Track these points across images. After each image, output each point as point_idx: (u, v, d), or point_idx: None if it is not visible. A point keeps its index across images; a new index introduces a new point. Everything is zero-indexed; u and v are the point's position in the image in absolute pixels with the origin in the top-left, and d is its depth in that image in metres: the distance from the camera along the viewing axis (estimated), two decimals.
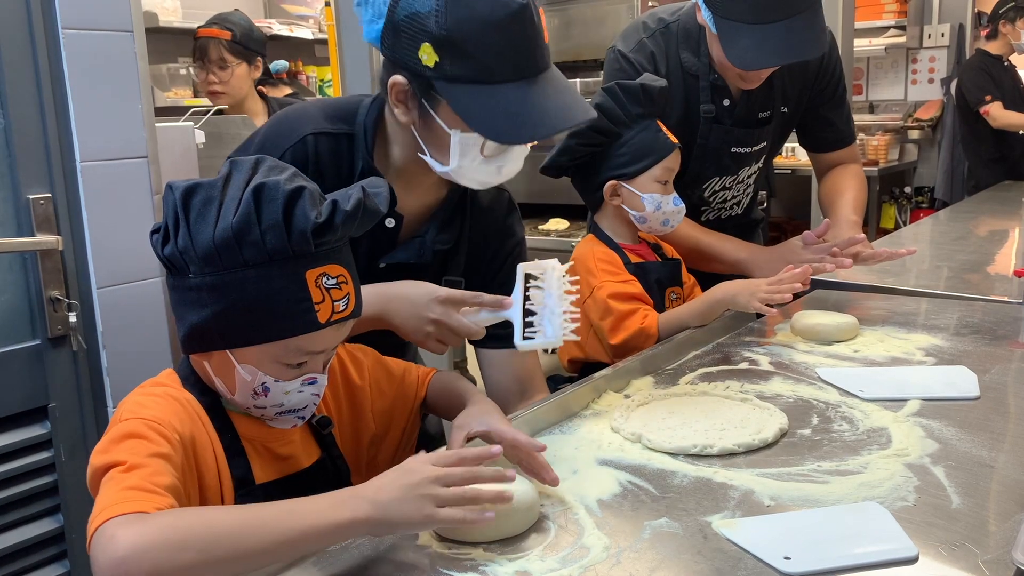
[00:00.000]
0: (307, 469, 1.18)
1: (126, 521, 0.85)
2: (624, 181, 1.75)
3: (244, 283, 1.00)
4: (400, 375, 1.32)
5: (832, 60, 2.05)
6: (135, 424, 0.99)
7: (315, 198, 1.02)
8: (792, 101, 2.05)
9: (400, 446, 1.32)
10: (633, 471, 1.16)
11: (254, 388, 1.06)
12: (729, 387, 1.45)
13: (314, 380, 1.09)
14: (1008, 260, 2.45)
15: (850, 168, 2.18)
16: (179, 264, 1.03)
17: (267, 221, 0.99)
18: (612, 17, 3.82)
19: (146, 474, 0.92)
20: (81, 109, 1.72)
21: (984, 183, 4.38)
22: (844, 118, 2.16)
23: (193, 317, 1.04)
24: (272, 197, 0.99)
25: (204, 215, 1.01)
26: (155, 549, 0.82)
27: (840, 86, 2.10)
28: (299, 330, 1.03)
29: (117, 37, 1.77)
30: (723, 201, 2.11)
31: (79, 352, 1.78)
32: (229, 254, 1.00)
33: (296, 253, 1.01)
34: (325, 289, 1.04)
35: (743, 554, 0.94)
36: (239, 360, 1.05)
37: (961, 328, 1.73)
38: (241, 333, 1.03)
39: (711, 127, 1.97)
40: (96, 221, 1.76)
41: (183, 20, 4.93)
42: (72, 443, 1.81)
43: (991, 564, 0.89)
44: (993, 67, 4.72)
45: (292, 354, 1.05)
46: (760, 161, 2.10)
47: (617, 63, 1.95)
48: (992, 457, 1.15)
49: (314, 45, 5.74)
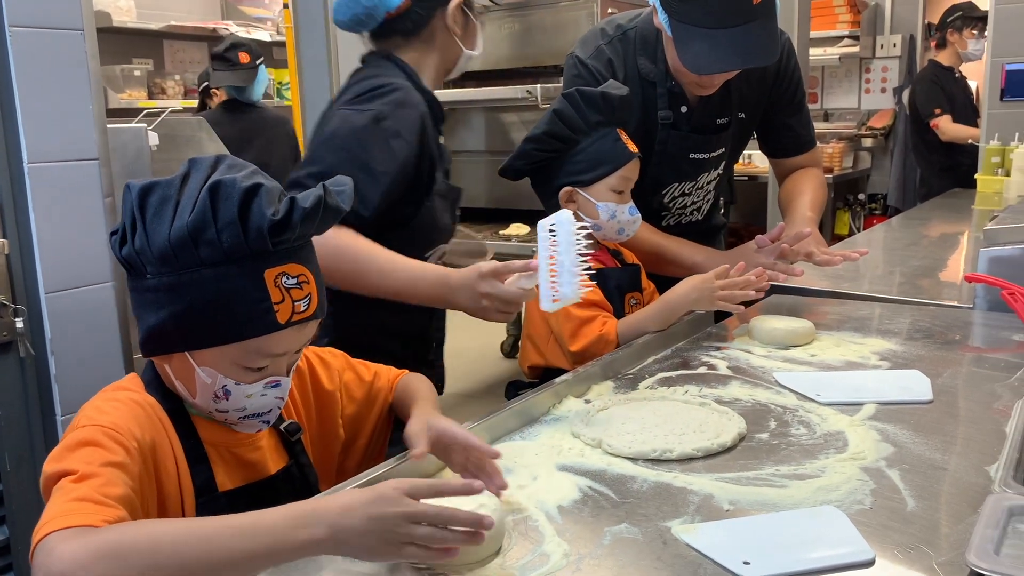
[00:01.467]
0: (272, 476, 1.15)
1: (69, 535, 0.81)
2: (580, 188, 1.75)
3: (201, 283, 0.99)
4: (370, 379, 1.30)
5: (790, 67, 2.06)
6: (91, 431, 0.96)
7: (272, 195, 1.00)
8: (750, 107, 2.06)
9: (368, 452, 1.30)
10: (593, 477, 1.16)
11: (215, 391, 1.04)
12: (688, 391, 1.45)
13: (277, 383, 1.07)
14: (958, 265, 2.50)
15: (810, 171, 2.20)
16: (136, 265, 1.01)
17: (223, 219, 0.97)
18: (572, 24, 3.84)
19: (97, 484, 0.89)
20: (29, 109, 1.67)
21: (936, 191, 4.48)
22: (803, 123, 2.17)
23: (151, 319, 1.02)
24: (228, 195, 0.97)
25: (160, 214, 0.99)
26: (96, 566, 0.79)
27: (799, 92, 2.12)
28: (258, 331, 1.01)
29: (67, 36, 1.73)
30: (683, 207, 2.12)
31: (26, 359, 1.74)
32: (185, 253, 0.98)
33: (254, 251, 0.99)
34: (285, 289, 1.02)
35: (703, 559, 0.94)
36: (199, 363, 1.03)
37: (914, 332, 1.76)
38: (199, 334, 1.01)
39: (669, 133, 1.97)
40: (44, 224, 1.71)
41: (137, 21, 4.85)
42: (19, 453, 1.76)
43: (945, 566, 0.90)
44: (945, 79, 4.82)
45: (252, 356, 1.03)
46: (719, 167, 2.11)
47: (575, 69, 1.95)
48: (945, 460, 1.16)
49: (272, 47, 5.68)
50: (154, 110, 2.60)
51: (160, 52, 5.30)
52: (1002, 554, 0.84)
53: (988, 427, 1.26)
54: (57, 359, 1.75)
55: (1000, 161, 3.75)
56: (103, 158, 1.80)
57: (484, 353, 5.04)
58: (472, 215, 4.19)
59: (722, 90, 1.95)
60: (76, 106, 1.75)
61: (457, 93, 4.00)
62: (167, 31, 5.05)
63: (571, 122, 1.72)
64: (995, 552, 0.83)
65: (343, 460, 1.28)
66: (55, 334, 1.74)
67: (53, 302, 1.73)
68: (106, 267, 1.82)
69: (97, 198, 1.80)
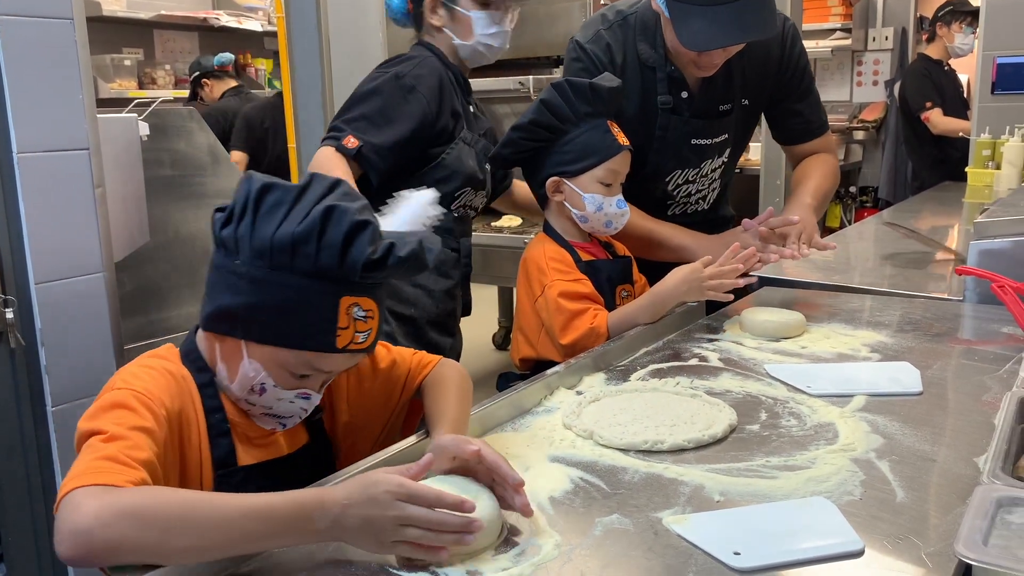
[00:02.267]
0: (292, 454, 1.20)
1: (94, 492, 0.86)
2: (566, 178, 1.75)
3: (284, 286, 1.05)
4: (386, 369, 1.30)
5: (795, 52, 2.05)
6: (125, 394, 1.01)
7: (376, 235, 1.06)
8: (753, 94, 2.05)
9: (378, 439, 1.31)
10: (585, 468, 1.16)
11: (252, 385, 1.10)
12: (679, 383, 1.46)
13: (308, 396, 1.13)
14: (948, 258, 2.51)
15: (819, 157, 2.17)
16: (231, 247, 1.07)
17: (327, 241, 1.03)
18: (564, 15, 3.83)
19: (124, 446, 0.94)
20: (18, 99, 1.66)
21: (927, 184, 4.50)
22: (812, 108, 2.15)
23: (226, 299, 1.07)
24: (339, 220, 1.03)
25: (272, 214, 1.05)
26: (117, 524, 0.83)
27: (806, 77, 2.10)
28: (317, 347, 1.07)
29: (56, 24, 1.71)
30: (687, 195, 2.11)
31: (16, 350, 1.73)
32: (281, 256, 1.04)
33: (339, 277, 1.04)
34: (353, 319, 1.07)
35: (693, 550, 0.94)
36: (249, 354, 1.09)
37: (904, 325, 1.76)
38: (263, 330, 1.07)
39: (669, 118, 1.96)
40: (34, 214, 1.70)
41: (127, 10, 4.82)
42: (9, 444, 1.75)
43: (934, 556, 0.91)
44: (935, 73, 4.84)
45: (301, 366, 1.09)
46: (724, 155, 2.10)
47: (575, 52, 1.97)
48: (934, 451, 1.17)
49: (263, 37, 5.65)
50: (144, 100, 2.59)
51: (150, 41, 5.27)
52: (990, 544, 0.84)
53: (977, 419, 1.27)
54: (47, 350, 1.74)
55: (991, 154, 3.76)
56: (93, 148, 1.79)
57: (476, 345, 5.04)
58: None
59: (724, 76, 1.95)
60: (66, 96, 1.74)
61: None
62: (157, 20, 5.03)
63: (559, 112, 1.71)
64: (983, 543, 0.84)
65: (352, 442, 1.30)
66: (45, 325, 1.74)
67: (43, 292, 1.73)
68: (96, 257, 1.81)
69: (87, 188, 1.79)
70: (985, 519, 0.88)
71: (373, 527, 0.91)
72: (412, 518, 0.91)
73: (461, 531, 0.92)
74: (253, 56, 5.71)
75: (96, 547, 0.83)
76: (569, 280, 1.73)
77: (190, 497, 0.90)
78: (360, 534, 0.91)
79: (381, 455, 1.17)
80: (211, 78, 4.84)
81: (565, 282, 1.72)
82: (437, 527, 0.91)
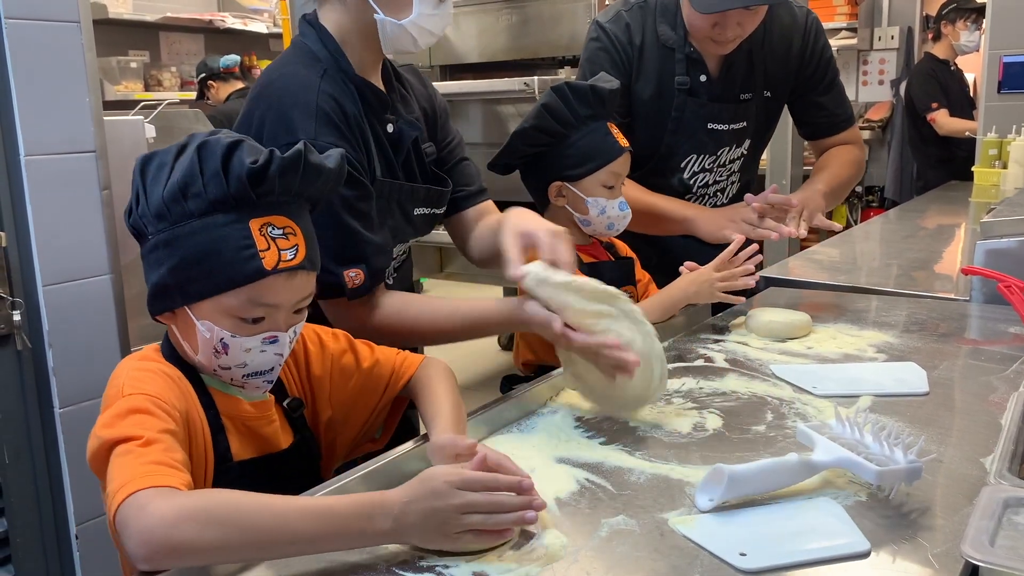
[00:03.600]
0: (284, 451, 1.20)
1: (156, 494, 0.87)
2: (569, 183, 1.74)
3: (192, 234, 1.05)
4: (369, 368, 1.30)
5: (818, 45, 2.05)
6: (140, 399, 1.01)
7: (255, 150, 1.07)
8: (776, 86, 2.05)
9: (357, 437, 1.32)
10: (590, 469, 1.16)
11: (214, 345, 1.09)
12: (685, 384, 1.46)
13: (275, 339, 1.11)
14: (955, 258, 2.51)
15: (843, 148, 2.15)
16: (140, 229, 1.09)
17: (208, 171, 1.04)
18: (569, 16, 3.83)
19: (162, 449, 0.95)
20: (25, 102, 1.67)
21: (932, 183, 4.48)
22: (836, 101, 2.14)
23: (154, 277, 1.09)
24: (212, 150, 1.05)
25: (158, 177, 1.07)
26: (187, 525, 0.85)
27: (830, 70, 2.10)
28: (247, 276, 1.06)
29: (63, 28, 1.72)
30: (705, 185, 2.10)
31: (24, 352, 1.74)
32: (176, 207, 1.05)
33: (237, 200, 1.05)
34: (271, 238, 1.07)
35: (699, 551, 0.94)
36: (197, 316, 1.08)
37: (910, 325, 1.76)
38: (194, 285, 1.07)
39: (685, 100, 1.97)
40: (42, 217, 1.71)
41: (133, 12, 4.83)
42: (16, 445, 1.76)
43: (940, 557, 0.91)
44: (941, 72, 4.82)
45: (246, 306, 1.07)
46: (743, 145, 2.09)
47: (594, 32, 1.99)
48: (940, 452, 1.17)
49: (268, 39, 5.66)
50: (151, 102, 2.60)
51: (156, 44, 5.28)
52: (997, 545, 0.84)
53: (984, 419, 1.27)
54: (55, 352, 1.75)
55: (997, 153, 3.75)
56: (100, 151, 1.80)
57: (481, 345, 5.04)
58: None
59: (745, 64, 1.96)
60: (73, 98, 1.75)
61: (454, 85, 3.99)
62: (163, 23, 5.04)
63: (560, 116, 1.70)
64: (990, 543, 0.83)
65: (332, 438, 1.30)
66: (53, 327, 1.74)
67: (51, 295, 1.73)
68: (103, 259, 1.82)
69: (94, 190, 1.80)
70: (992, 520, 0.87)
71: (437, 518, 0.91)
72: (473, 504, 0.91)
73: (522, 509, 0.93)
74: (259, 58, 5.72)
75: (167, 548, 0.84)
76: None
77: (251, 499, 0.90)
78: (424, 529, 0.91)
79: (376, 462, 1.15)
80: (217, 80, 4.85)
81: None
82: (498, 509, 0.92)
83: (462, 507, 0.91)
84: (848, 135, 2.17)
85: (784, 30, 2.02)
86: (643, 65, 1.86)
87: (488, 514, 0.92)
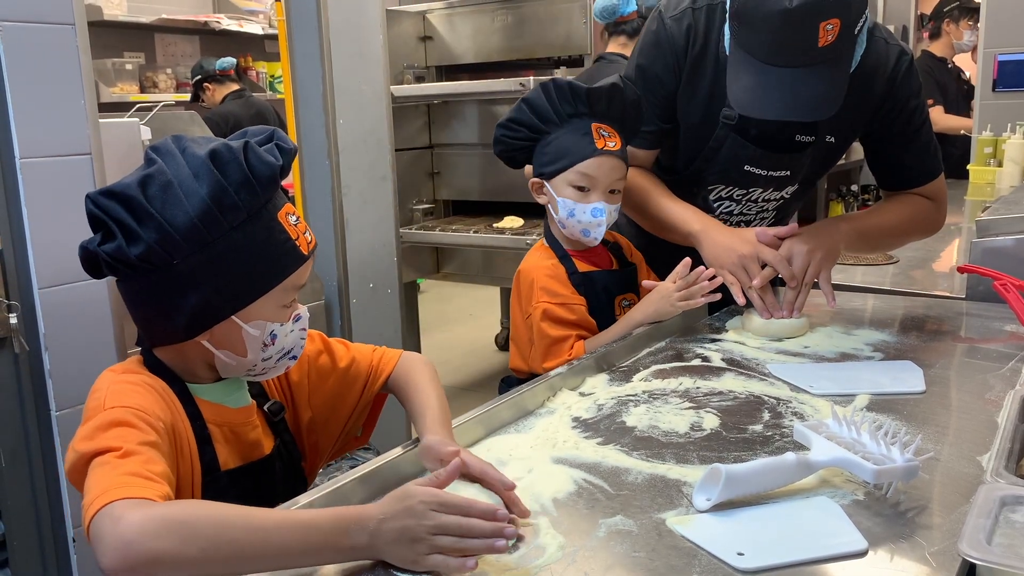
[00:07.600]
0: (269, 456, 1.20)
1: (132, 505, 0.86)
2: (545, 180, 1.72)
3: (234, 246, 1.06)
4: (345, 367, 1.31)
5: (903, 92, 1.74)
6: (121, 412, 1.00)
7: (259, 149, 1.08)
8: (843, 132, 1.79)
9: (340, 436, 1.32)
10: (588, 469, 1.16)
11: (263, 341, 1.11)
12: (682, 383, 1.46)
13: (299, 316, 1.16)
14: (951, 256, 2.51)
15: (911, 198, 1.86)
16: (159, 257, 1.04)
17: (235, 181, 1.04)
18: (564, 16, 3.84)
19: (141, 461, 0.94)
20: (20, 104, 1.66)
21: None
22: (917, 155, 1.83)
23: (192, 299, 1.06)
24: (229, 158, 1.04)
25: (170, 201, 1.04)
26: (162, 537, 0.83)
27: (914, 120, 1.77)
28: (293, 267, 1.11)
29: (58, 30, 1.72)
30: (729, 213, 1.89)
31: (20, 354, 1.73)
32: (213, 223, 1.04)
33: (266, 201, 1.07)
34: (293, 225, 1.11)
35: (697, 551, 0.94)
36: (246, 320, 1.09)
37: (907, 324, 1.76)
38: (246, 292, 1.09)
39: (728, 135, 1.74)
40: (37, 220, 1.71)
41: (128, 14, 4.83)
42: (13, 448, 1.76)
43: (937, 555, 0.91)
44: (938, 70, 4.82)
45: (289, 293, 1.13)
46: (783, 190, 1.84)
47: (654, 24, 1.76)
48: (937, 450, 1.17)
49: (264, 40, 5.66)
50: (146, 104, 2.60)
51: (152, 45, 5.28)
52: (994, 543, 0.84)
53: (980, 417, 1.27)
54: (51, 354, 1.75)
55: (992, 152, 3.76)
56: (95, 153, 1.79)
57: (479, 346, 5.04)
58: (465, 208, 4.19)
59: None
60: (68, 101, 1.75)
61: (450, 85, 4.00)
62: (158, 24, 5.03)
63: (540, 110, 1.67)
64: (987, 542, 0.84)
65: (315, 440, 1.30)
66: (49, 329, 1.74)
67: (47, 297, 1.73)
68: None
69: None
70: (989, 518, 0.88)
71: (409, 537, 0.89)
72: (445, 526, 0.90)
73: (492, 536, 0.91)
74: (254, 59, 5.72)
75: (141, 558, 0.82)
76: (556, 303, 1.68)
77: (228, 511, 0.89)
78: (396, 546, 0.90)
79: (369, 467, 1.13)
80: (213, 82, 4.85)
81: (552, 304, 1.68)
82: (468, 533, 0.91)
83: (434, 528, 0.90)
84: (925, 188, 1.87)
85: (867, 68, 1.67)
86: (694, 78, 1.67)
87: (458, 537, 0.90)
